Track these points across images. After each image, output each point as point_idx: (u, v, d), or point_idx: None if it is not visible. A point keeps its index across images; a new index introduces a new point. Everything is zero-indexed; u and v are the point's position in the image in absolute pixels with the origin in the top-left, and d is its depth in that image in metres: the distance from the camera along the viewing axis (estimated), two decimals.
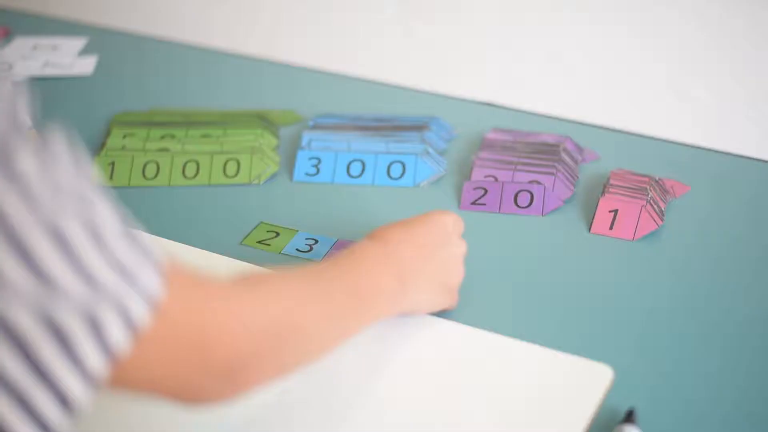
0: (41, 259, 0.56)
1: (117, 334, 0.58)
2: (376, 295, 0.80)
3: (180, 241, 0.98)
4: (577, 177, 1.07)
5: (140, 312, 0.60)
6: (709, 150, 1.12)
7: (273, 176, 1.09)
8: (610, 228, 0.99)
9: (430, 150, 1.09)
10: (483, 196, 1.04)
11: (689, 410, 0.81)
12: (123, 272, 0.59)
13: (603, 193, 1.02)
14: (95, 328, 0.57)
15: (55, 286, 0.56)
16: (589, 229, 1.00)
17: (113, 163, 1.08)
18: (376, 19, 1.80)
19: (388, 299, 0.81)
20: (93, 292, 0.57)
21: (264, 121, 1.16)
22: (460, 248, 0.87)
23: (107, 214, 0.60)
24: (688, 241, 0.99)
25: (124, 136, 1.12)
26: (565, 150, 1.08)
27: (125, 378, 0.61)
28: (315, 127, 1.14)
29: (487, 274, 0.94)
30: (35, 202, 0.56)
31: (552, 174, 1.04)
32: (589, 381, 0.82)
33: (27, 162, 0.57)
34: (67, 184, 0.58)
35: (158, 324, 0.61)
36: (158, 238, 0.98)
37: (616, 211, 1.00)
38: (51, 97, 1.23)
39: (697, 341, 0.87)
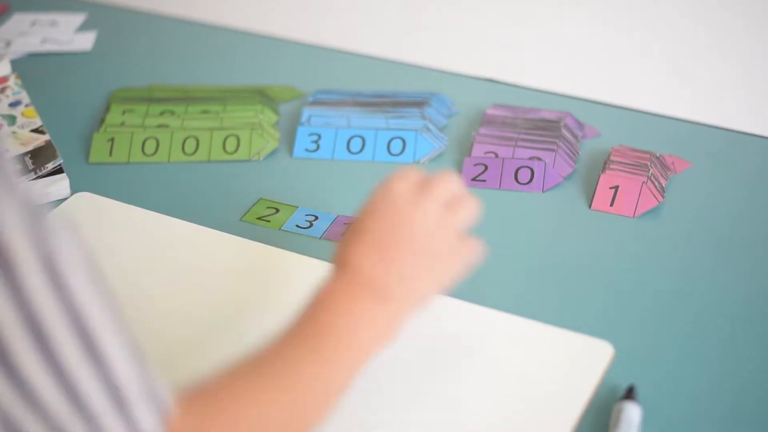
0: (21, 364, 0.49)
1: None
2: (361, 343, 0.70)
3: (179, 218, 0.98)
4: (578, 153, 1.06)
5: None
6: (710, 126, 1.11)
7: (273, 152, 1.08)
8: (611, 204, 0.99)
9: (431, 126, 1.09)
10: (483, 172, 1.03)
11: (690, 387, 0.81)
12: (120, 403, 0.52)
13: (604, 169, 1.02)
14: None
15: (32, 397, 0.50)
16: (590, 206, 1.00)
17: (112, 140, 1.08)
18: None
19: (377, 334, 0.71)
20: (75, 412, 0.51)
21: (264, 96, 1.15)
22: (431, 210, 0.73)
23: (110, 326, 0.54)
24: (689, 217, 0.99)
25: (123, 113, 1.12)
26: (565, 126, 1.08)
27: None
28: (315, 103, 1.13)
29: (487, 250, 0.94)
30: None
31: (552, 150, 1.04)
32: (589, 358, 0.82)
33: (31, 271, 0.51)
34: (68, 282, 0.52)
35: None
36: (158, 215, 0.98)
37: (616, 187, 1.00)
38: (50, 73, 1.23)
39: (698, 318, 0.87)
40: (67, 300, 0.52)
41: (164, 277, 0.91)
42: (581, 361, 0.81)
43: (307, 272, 0.91)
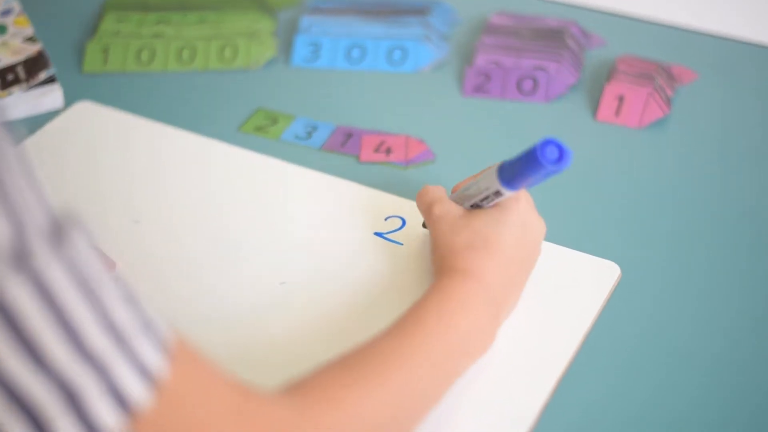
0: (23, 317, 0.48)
1: (103, 414, 0.50)
2: (472, 347, 0.72)
3: (177, 128, 0.96)
4: (583, 63, 1.04)
5: (137, 390, 0.51)
6: (717, 36, 1.09)
7: (271, 61, 1.06)
8: (616, 115, 0.97)
9: (432, 34, 1.07)
10: (486, 82, 1.02)
11: (696, 303, 0.80)
12: (118, 338, 0.51)
13: (609, 79, 1.00)
14: (74, 404, 0.49)
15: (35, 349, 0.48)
16: (595, 116, 0.98)
17: (107, 49, 1.06)
18: None
19: (486, 339, 0.73)
20: (78, 359, 0.49)
21: (261, 4, 1.13)
22: (540, 230, 0.77)
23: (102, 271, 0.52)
24: (695, 128, 0.97)
25: (118, 21, 1.09)
26: (570, 35, 1.06)
27: None
28: (314, 11, 1.11)
29: (489, 162, 0.92)
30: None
31: (557, 60, 1.02)
32: (596, 278, 0.81)
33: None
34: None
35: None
36: (158, 124, 0.97)
37: (622, 97, 0.98)
38: None
39: (704, 231, 0.86)
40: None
41: (163, 188, 0.90)
42: (587, 281, 0.80)
43: (306, 183, 0.90)
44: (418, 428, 0.67)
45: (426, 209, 0.79)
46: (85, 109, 0.99)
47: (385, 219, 0.85)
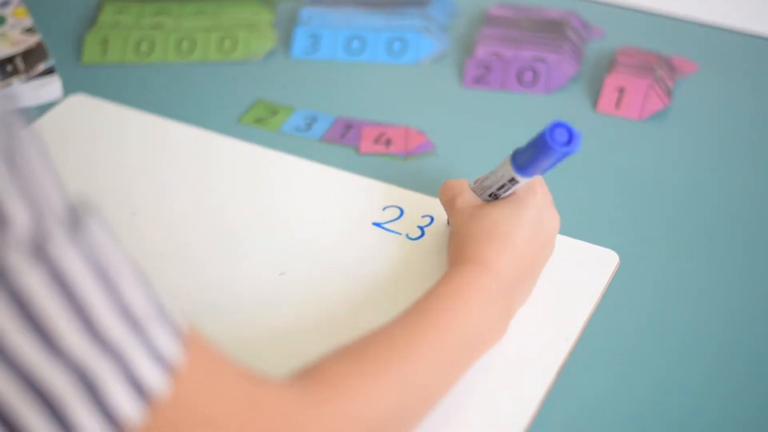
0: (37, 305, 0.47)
1: (121, 401, 0.50)
2: (482, 340, 0.71)
3: (176, 120, 0.96)
4: (583, 55, 1.04)
5: (152, 377, 0.51)
6: (718, 27, 1.09)
7: (271, 53, 1.06)
8: (617, 107, 0.97)
9: (432, 26, 1.06)
10: (486, 73, 1.01)
11: (695, 295, 0.80)
12: (134, 326, 0.50)
13: (609, 70, 1.00)
14: (91, 391, 0.49)
15: (50, 337, 0.48)
16: (595, 108, 0.98)
17: (106, 40, 1.05)
18: None
19: (496, 331, 0.73)
20: (94, 346, 0.49)
21: None
22: (555, 225, 0.78)
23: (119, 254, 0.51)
24: (695, 120, 0.97)
25: (116, 12, 1.09)
26: (570, 27, 1.05)
27: None
28: (314, 3, 1.11)
29: (489, 154, 0.92)
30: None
31: (557, 52, 1.01)
32: (595, 266, 0.81)
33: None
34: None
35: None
36: (155, 117, 0.97)
37: (622, 89, 0.98)
38: None
39: (703, 223, 0.86)
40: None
41: (161, 181, 0.90)
42: (587, 269, 0.80)
43: (305, 175, 0.90)
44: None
45: (448, 201, 0.79)
46: (79, 102, 0.99)
47: (383, 209, 0.85)
